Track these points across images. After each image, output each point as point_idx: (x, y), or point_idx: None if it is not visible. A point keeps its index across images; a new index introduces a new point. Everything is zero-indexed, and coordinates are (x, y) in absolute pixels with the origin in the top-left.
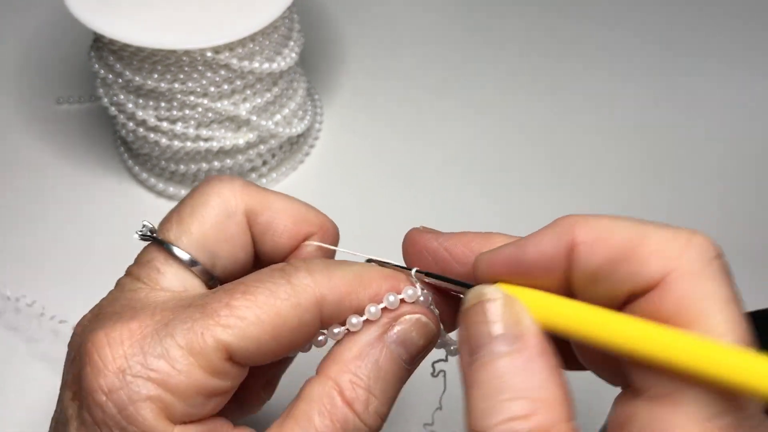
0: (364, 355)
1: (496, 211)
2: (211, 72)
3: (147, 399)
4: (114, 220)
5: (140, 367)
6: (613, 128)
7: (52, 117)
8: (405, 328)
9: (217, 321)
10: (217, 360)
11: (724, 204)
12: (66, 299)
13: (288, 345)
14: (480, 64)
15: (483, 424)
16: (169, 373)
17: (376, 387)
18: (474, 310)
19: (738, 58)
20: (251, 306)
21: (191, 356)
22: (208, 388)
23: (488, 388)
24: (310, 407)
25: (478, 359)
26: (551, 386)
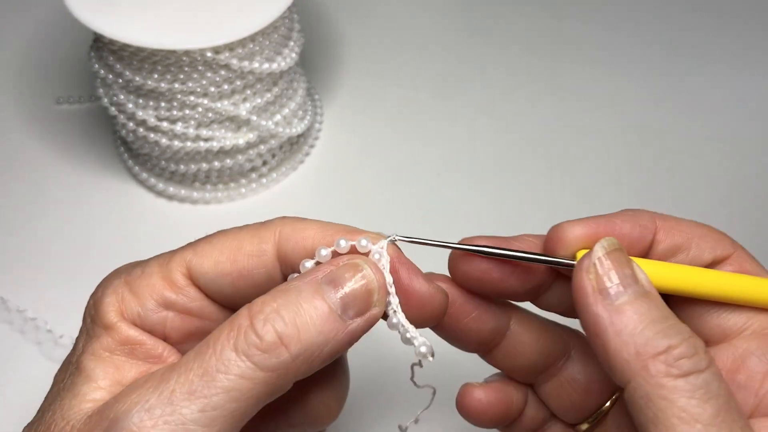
0: (289, 286)
1: (496, 211)
2: (211, 72)
3: (112, 293)
4: (114, 220)
5: (123, 273)
6: (614, 128)
7: (52, 117)
8: (337, 268)
9: (190, 246)
10: (176, 274)
11: (725, 204)
12: (66, 299)
13: (244, 271)
14: (480, 64)
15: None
16: (137, 278)
17: (286, 309)
18: (615, 255)
19: (739, 58)
20: (221, 237)
21: (158, 267)
22: (160, 296)
23: (651, 316)
24: (220, 327)
25: (626, 294)
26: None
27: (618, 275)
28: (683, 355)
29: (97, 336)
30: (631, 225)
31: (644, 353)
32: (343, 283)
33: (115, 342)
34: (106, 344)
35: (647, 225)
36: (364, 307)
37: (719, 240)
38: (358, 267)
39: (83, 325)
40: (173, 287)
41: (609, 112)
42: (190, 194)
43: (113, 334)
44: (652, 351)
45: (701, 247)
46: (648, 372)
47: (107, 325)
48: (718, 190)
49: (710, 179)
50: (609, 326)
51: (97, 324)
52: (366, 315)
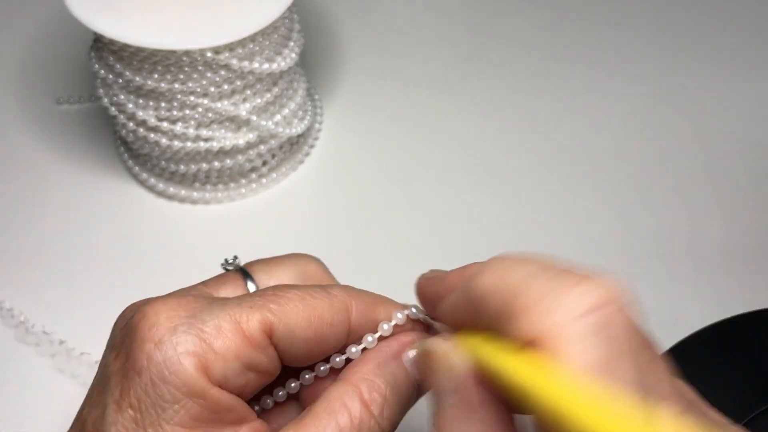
0: (382, 366)
1: (497, 212)
2: (211, 72)
3: (192, 353)
4: (114, 220)
5: (190, 327)
6: (615, 128)
7: (52, 117)
8: (419, 354)
9: (265, 302)
10: (258, 333)
11: (725, 204)
12: (66, 299)
13: (321, 339)
14: (481, 63)
15: None
16: (214, 335)
17: (391, 395)
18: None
19: (739, 58)
20: (295, 297)
21: (235, 326)
22: (246, 357)
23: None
24: (330, 405)
25: (436, 404)
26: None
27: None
28: None
29: (178, 403)
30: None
31: None
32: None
33: (207, 411)
34: (195, 413)
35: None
36: None
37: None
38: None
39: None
40: (258, 348)
41: (610, 112)
42: (190, 194)
43: (204, 400)
44: None
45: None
46: None
47: (196, 392)
48: (719, 191)
49: (711, 179)
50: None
51: (175, 387)
52: None
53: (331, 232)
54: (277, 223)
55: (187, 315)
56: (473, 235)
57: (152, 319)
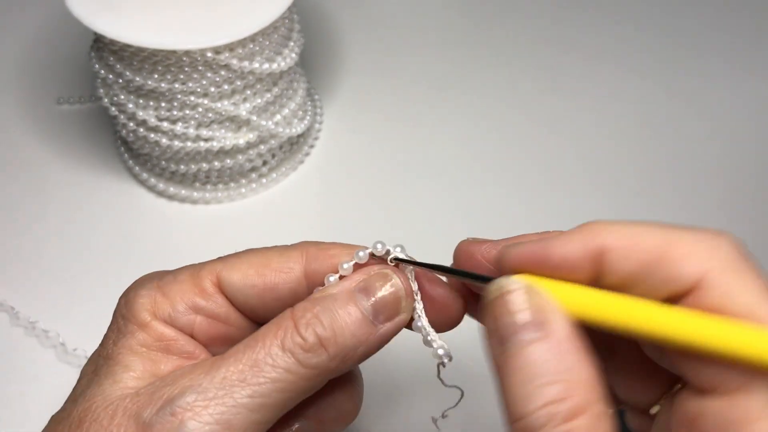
0: (325, 294)
1: (497, 211)
2: (211, 72)
3: (144, 296)
4: (114, 220)
5: (155, 279)
6: (615, 128)
7: (52, 117)
8: (367, 276)
9: (220, 260)
10: (206, 282)
11: (725, 204)
12: (66, 299)
13: (271, 285)
14: (480, 63)
15: (523, 410)
16: (169, 284)
17: (324, 315)
18: (497, 302)
19: (740, 58)
20: (247, 252)
21: (189, 275)
22: (190, 300)
23: (523, 375)
24: (266, 327)
25: (508, 349)
26: (582, 368)
27: (503, 321)
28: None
29: (131, 332)
30: (570, 248)
31: (509, 416)
32: (375, 291)
33: (150, 338)
34: (141, 340)
35: (585, 248)
36: (393, 312)
37: (687, 256)
38: (388, 276)
39: (114, 324)
40: (203, 294)
41: (609, 111)
42: (190, 194)
43: (148, 331)
44: (512, 417)
45: (660, 275)
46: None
47: (141, 323)
48: (720, 190)
49: (712, 179)
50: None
51: (130, 321)
52: (395, 320)
53: (331, 231)
54: (277, 223)
55: (162, 272)
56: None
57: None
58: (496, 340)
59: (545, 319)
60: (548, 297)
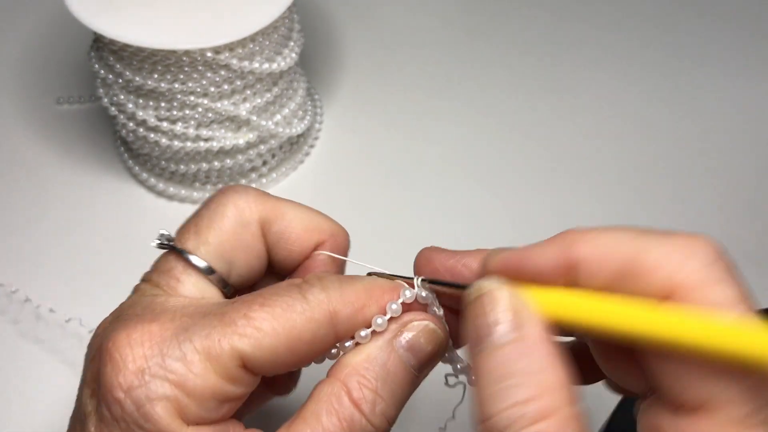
0: (372, 360)
1: (496, 212)
2: (211, 72)
3: (164, 398)
4: (114, 220)
5: (159, 368)
6: (614, 129)
7: (52, 117)
8: (413, 334)
9: (235, 330)
10: (232, 367)
11: (725, 204)
12: (66, 299)
13: (302, 357)
14: (480, 64)
15: (490, 411)
16: (185, 376)
17: (384, 389)
18: (475, 303)
19: (739, 59)
20: (268, 318)
21: (208, 361)
22: (222, 392)
23: (493, 376)
24: (318, 406)
25: (482, 349)
26: (553, 371)
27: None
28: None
29: None
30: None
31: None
32: (422, 350)
33: None
34: None
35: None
36: (435, 363)
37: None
38: (432, 332)
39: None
40: (231, 381)
41: (609, 112)
42: (190, 194)
43: None
44: (480, 417)
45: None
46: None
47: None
48: (719, 191)
49: (711, 179)
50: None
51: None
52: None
53: None
54: None
55: (154, 352)
56: (473, 234)
57: (119, 363)
58: (473, 341)
59: (520, 321)
60: (525, 300)
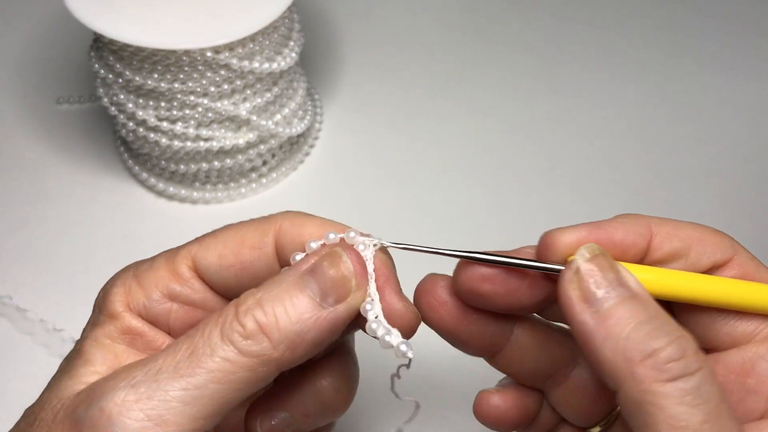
0: (275, 280)
1: (495, 211)
2: (211, 72)
3: (119, 285)
4: (114, 220)
5: (130, 271)
6: (613, 129)
7: (52, 117)
8: (318, 258)
9: (195, 239)
10: (182, 267)
11: (725, 204)
12: (66, 299)
13: (246, 264)
14: (480, 64)
15: (651, 347)
16: (144, 271)
17: (268, 303)
18: (598, 260)
19: (739, 59)
20: (222, 229)
21: (165, 261)
22: (165, 287)
23: (641, 317)
24: (210, 316)
25: (614, 299)
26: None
27: (601, 281)
28: (671, 358)
29: (101, 324)
30: (624, 231)
31: (631, 359)
32: (322, 271)
33: (117, 330)
34: (108, 332)
35: (641, 231)
36: (343, 293)
37: (718, 243)
38: (336, 254)
39: (91, 314)
40: (178, 279)
41: (608, 112)
42: (190, 194)
43: (116, 323)
44: (639, 356)
45: (699, 252)
46: (636, 378)
47: (111, 314)
48: (718, 191)
49: (709, 180)
50: (596, 333)
51: (102, 312)
52: (346, 301)
53: None
54: None
55: (140, 261)
56: (472, 234)
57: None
58: (586, 304)
59: (630, 281)
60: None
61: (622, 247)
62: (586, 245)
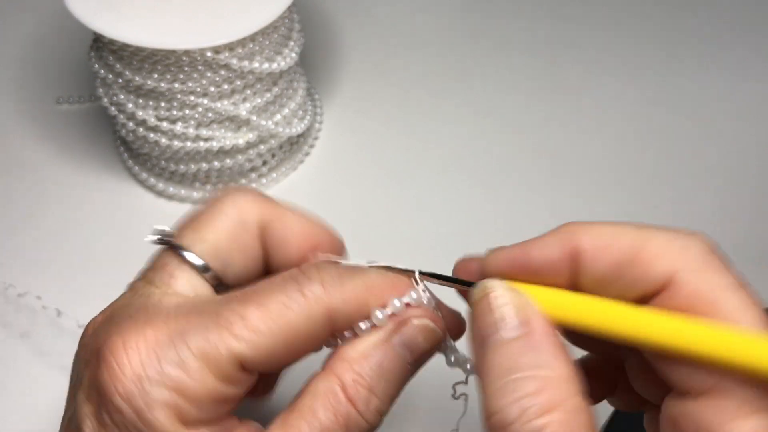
0: (368, 355)
1: (496, 212)
2: (211, 72)
3: (164, 405)
4: (114, 220)
5: (156, 374)
6: (614, 129)
7: (52, 117)
8: (412, 332)
9: (231, 331)
10: (230, 369)
11: (724, 204)
12: (66, 299)
13: (299, 353)
14: (480, 64)
15: (497, 405)
16: (184, 381)
17: (378, 387)
18: (480, 303)
19: (738, 59)
20: (264, 318)
21: (206, 365)
22: (220, 395)
23: (499, 371)
24: (314, 402)
25: (489, 346)
26: (559, 364)
27: (485, 321)
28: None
29: None
30: (541, 253)
31: (485, 412)
32: (418, 347)
33: None
34: None
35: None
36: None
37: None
38: (431, 331)
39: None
40: (229, 383)
41: (609, 112)
42: (190, 194)
43: None
44: (487, 412)
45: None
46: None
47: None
48: (718, 191)
49: (710, 180)
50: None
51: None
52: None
53: None
54: None
55: (151, 358)
56: (472, 235)
57: (116, 371)
58: (478, 340)
59: (526, 317)
60: (528, 297)
61: (542, 271)
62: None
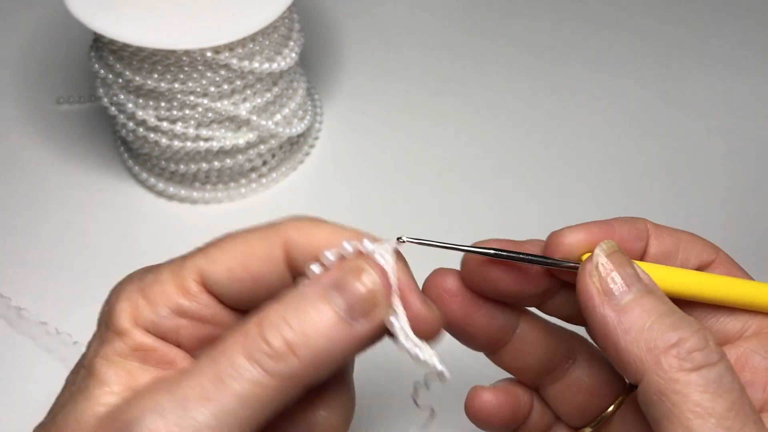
0: (297, 294)
1: (495, 211)
2: (211, 72)
3: (125, 300)
4: (114, 220)
5: (136, 281)
6: (614, 129)
7: (52, 117)
8: (342, 272)
9: (200, 251)
10: (189, 282)
11: (724, 204)
12: (66, 299)
13: (258, 277)
14: (480, 64)
15: (683, 334)
16: (149, 284)
17: (294, 318)
18: (616, 256)
19: (739, 59)
20: (227, 239)
21: (171, 274)
22: (174, 303)
23: (662, 309)
24: (230, 334)
25: (633, 293)
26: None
27: (621, 275)
28: (695, 348)
29: (110, 341)
30: (627, 230)
31: (655, 348)
32: (347, 286)
33: (128, 347)
34: (119, 349)
35: (640, 231)
36: (369, 308)
37: (703, 246)
38: (362, 270)
39: (97, 330)
40: (187, 294)
41: (609, 112)
42: (190, 194)
43: (126, 339)
44: (663, 345)
45: (688, 252)
46: (661, 367)
47: (120, 331)
48: (718, 191)
49: (710, 180)
50: (617, 325)
51: (110, 329)
52: (372, 317)
53: None
54: None
55: (144, 270)
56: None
57: (120, 284)
58: (607, 297)
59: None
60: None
61: (626, 244)
62: (604, 241)
